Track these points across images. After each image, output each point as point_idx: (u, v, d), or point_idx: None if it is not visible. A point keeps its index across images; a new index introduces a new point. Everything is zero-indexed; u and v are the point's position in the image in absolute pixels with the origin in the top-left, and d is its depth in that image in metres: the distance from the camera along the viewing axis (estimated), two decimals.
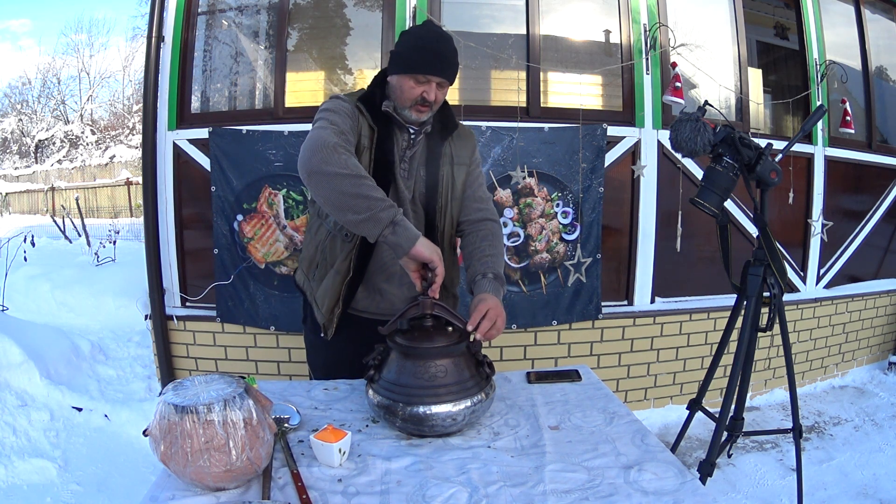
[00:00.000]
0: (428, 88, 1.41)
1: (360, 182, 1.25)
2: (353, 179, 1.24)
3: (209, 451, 0.94)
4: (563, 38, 2.99)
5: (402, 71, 1.42)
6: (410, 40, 1.43)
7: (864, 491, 2.37)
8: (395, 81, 1.44)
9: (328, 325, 1.54)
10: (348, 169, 1.25)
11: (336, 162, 1.25)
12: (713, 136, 1.78)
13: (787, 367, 1.94)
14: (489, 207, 1.59)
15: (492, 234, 1.53)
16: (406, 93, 1.42)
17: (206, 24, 2.98)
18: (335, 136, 1.31)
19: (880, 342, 3.83)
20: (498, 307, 1.30)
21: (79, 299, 4.35)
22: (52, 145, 19.60)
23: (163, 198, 2.88)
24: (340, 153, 1.27)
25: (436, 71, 1.40)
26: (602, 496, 0.99)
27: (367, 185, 1.25)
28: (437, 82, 1.42)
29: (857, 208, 3.73)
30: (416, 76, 1.40)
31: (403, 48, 1.43)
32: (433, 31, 1.45)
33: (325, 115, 1.40)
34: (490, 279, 1.39)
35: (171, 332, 2.92)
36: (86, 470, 2.42)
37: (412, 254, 1.24)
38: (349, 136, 1.37)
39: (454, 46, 1.45)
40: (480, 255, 1.47)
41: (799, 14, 3.40)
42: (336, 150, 1.27)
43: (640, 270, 3.06)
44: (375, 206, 1.23)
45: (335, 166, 1.25)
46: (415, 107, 1.43)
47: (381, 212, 1.23)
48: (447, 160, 1.52)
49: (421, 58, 1.39)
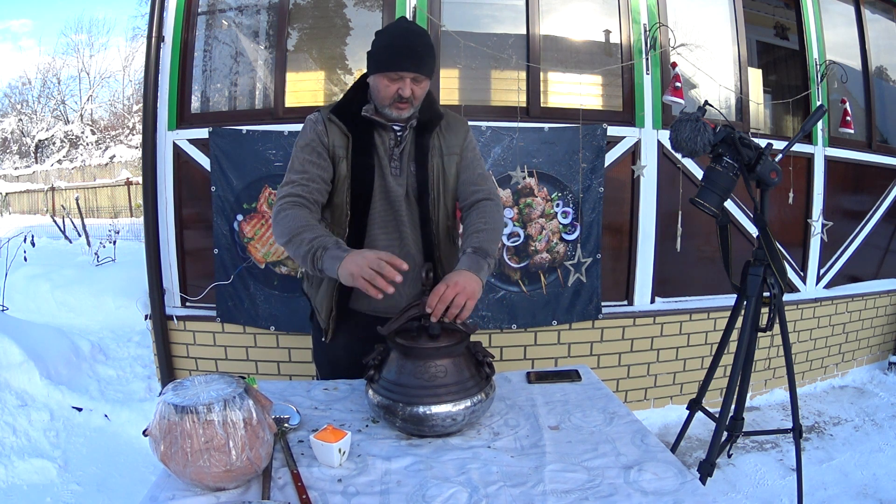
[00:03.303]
0: (402, 85, 1.42)
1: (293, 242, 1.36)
2: (290, 245, 1.37)
3: (209, 451, 0.94)
4: (563, 38, 2.99)
5: (376, 70, 1.44)
6: (382, 39, 1.46)
7: (864, 491, 2.37)
8: (373, 82, 1.47)
9: (327, 330, 1.58)
10: (286, 235, 1.38)
11: (279, 232, 1.41)
12: (713, 136, 1.78)
13: (787, 367, 1.94)
14: (485, 187, 1.56)
15: (485, 210, 1.51)
16: (382, 91, 1.44)
17: (206, 24, 2.98)
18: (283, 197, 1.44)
19: (880, 342, 3.83)
20: (458, 284, 1.24)
21: (79, 299, 4.35)
22: (52, 145, 19.60)
23: (163, 198, 2.88)
24: (279, 219, 1.41)
25: (406, 67, 1.41)
26: (602, 496, 0.99)
27: (297, 241, 1.35)
28: (411, 77, 1.42)
29: (857, 208, 3.73)
30: (389, 74, 1.42)
31: (375, 48, 1.46)
32: (404, 27, 1.46)
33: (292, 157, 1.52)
34: (468, 254, 1.36)
35: (171, 332, 2.92)
36: (86, 470, 2.42)
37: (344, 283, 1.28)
38: (313, 170, 1.47)
39: (427, 41, 1.46)
40: (468, 234, 1.46)
41: (799, 14, 3.40)
42: (277, 218, 1.42)
43: (640, 270, 3.06)
44: (306, 260, 1.33)
45: (281, 236, 1.40)
46: (394, 104, 1.45)
47: (311, 263, 1.33)
48: (436, 152, 1.53)
49: (391, 55, 1.41)
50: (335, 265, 1.27)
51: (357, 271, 1.23)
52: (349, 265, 1.25)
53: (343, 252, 1.29)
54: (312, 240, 1.33)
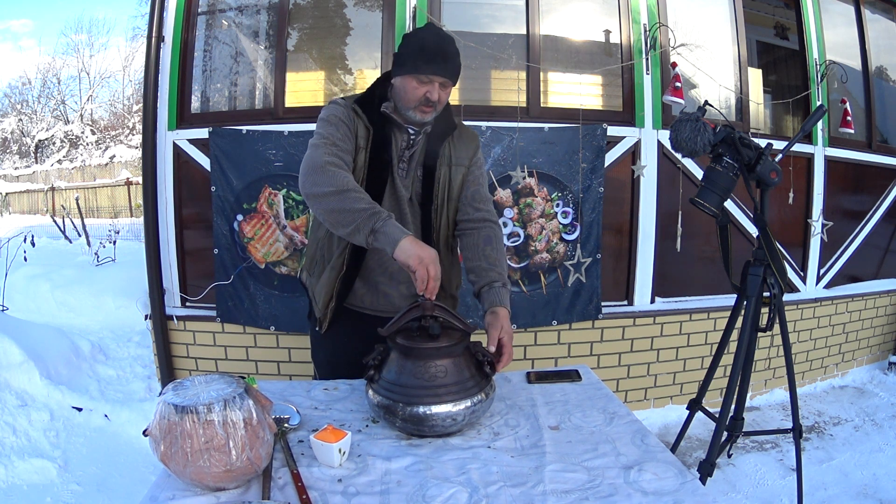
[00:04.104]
0: (431, 88, 1.42)
1: (344, 196, 1.31)
2: (338, 196, 1.32)
3: (209, 451, 0.94)
4: (563, 38, 2.99)
5: (406, 72, 1.44)
6: (413, 42, 1.45)
7: (864, 491, 2.37)
8: (399, 83, 1.47)
9: (323, 320, 1.58)
10: (334, 186, 1.32)
11: (324, 182, 1.34)
12: (713, 136, 1.78)
13: (787, 367, 1.93)
14: (489, 209, 1.60)
15: (495, 237, 1.56)
16: (410, 93, 1.44)
17: (206, 24, 2.98)
18: (325, 154, 1.38)
19: (880, 342, 3.83)
20: (511, 331, 1.38)
21: (79, 299, 4.35)
22: (52, 145, 19.60)
23: (163, 198, 2.88)
24: (328, 171, 1.35)
25: (438, 71, 1.42)
26: (602, 496, 0.99)
27: (351, 197, 1.31)
28: (440, 82, 1.43)
29: (857, 208, 3.73)
30: (419, 76, 1.42)
31: (406, 49, 1.45)
32: (435, 32, 1.47)
33: (320, 127, 1.47)
34: (499, 288, 1.46)
35: (171, 332, 2.92)
36: (86, 470, 2.42)
37: (395, 257, 1.26)
38: (344, 144, 1.44)
39: (456, 48, 1.47)
40: (486, 258, 1.51)
41: (799, 14, 3.40)
42: (324, 170, 1.35)
43: (640, 270, 3.06)
44: (359, 216, 1.29)
45: (323, 186, 1.33)
46: (419, 107, 1.45)
47: (364, 221, 1.29)
48: (445, 161, 1.54)
49: (423, 58, 1.41)
50: (400, 235, 1.26)
51: (427, 260, 1.24)
52: (420, 248, 1.25)
53: (408, 231, 1.30)
54: (373, 204, 1.31)
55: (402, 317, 1.25)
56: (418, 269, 1.23)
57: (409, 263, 1.24)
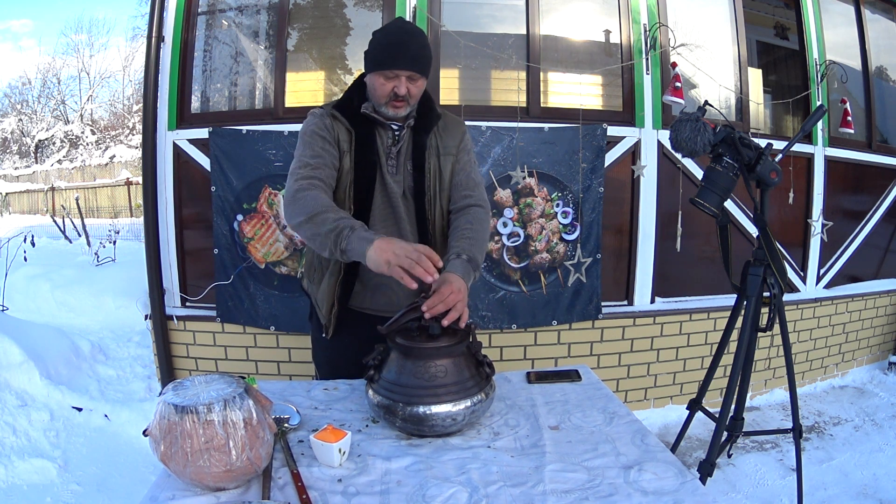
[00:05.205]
0: (398, 83, 1.43)
1: (313, 221, 1.32)
2: (309, 223, 1.33)
3: (209, 451, 0.94)
4: (563, 38, 2.99)
5: (372, 69, 1.46)
6: (377, 38, 1.47)
7: (864, 491, 2.37)
8: (369, 81, 1.49)
9: (328, 326, 1.59)
10: (304, 214, 1.34)
11: (296, 212, 1.36)
12: (713, 136, 1.78)
13: (787, 367, 1.94)
14: (476, 193, 1.57)
15: (475, 218, 1.51)
16: (378, 90, 1.46)
17: (206, 24, 2.98)
18: (294, 181, 1.40)
19: (880, 342, 3.83)
20: (460, 292, 1.25)
21: (79, 299, 4.35)
22: (52, 145, 19.60)
23: (163, 198, 2.88)
24: (297, 199, 1.36)
25: (401, 65, 1.42)
26: (602, 496, 0.99)
27: (318, 220, 1.32)
28: (406, 76, 1.44)
29: (857, 208, 3.73)
30: (384, 72, 1.43)
31: (371, 47, 1.48)
32: (398, 26, 1.48)
33: (297, 147, 1.49)
34: (463, 261, 1.37)
35: (171, 332, 2.92)
36: (86, 470, 2.42)
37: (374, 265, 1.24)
38: (318, 159, 1.44)
39: (423, 40, 1.47)
40: (458, 237, 1.46)
41: (799, 14, 3.40)
42: (294, 199, 1.37)
43: (640, 270, 3.06)
44: (328, 240, 1.30)
45: (297, 216, 1.35)
46: (390, 103, 1.46)
47: (332, 244, 1.29)
48: (433, 152, 1.54)
49: (386, 54, 1.43)
50: (365, 247, 1.24)
51: (394, 259, 1.20)
52: (384, 252, 1.22)
53: (373, 235, 1.26)
54: (338, 219, 1.30)
55: (402, 316, 1.25)
56: (393, 271, 1.21)
57: (381, 271, 1.22)
